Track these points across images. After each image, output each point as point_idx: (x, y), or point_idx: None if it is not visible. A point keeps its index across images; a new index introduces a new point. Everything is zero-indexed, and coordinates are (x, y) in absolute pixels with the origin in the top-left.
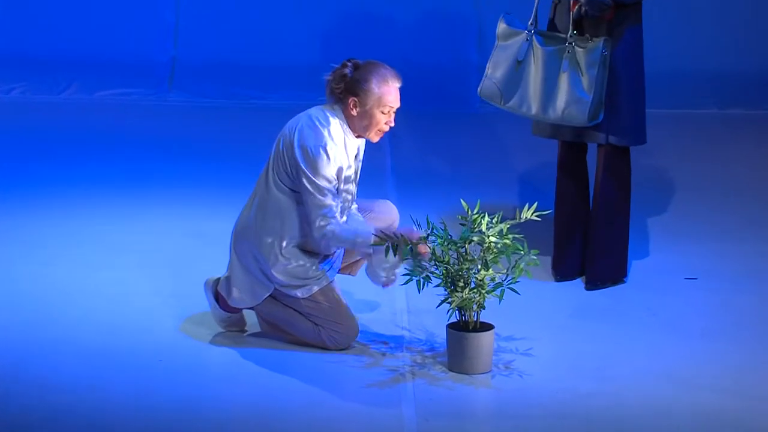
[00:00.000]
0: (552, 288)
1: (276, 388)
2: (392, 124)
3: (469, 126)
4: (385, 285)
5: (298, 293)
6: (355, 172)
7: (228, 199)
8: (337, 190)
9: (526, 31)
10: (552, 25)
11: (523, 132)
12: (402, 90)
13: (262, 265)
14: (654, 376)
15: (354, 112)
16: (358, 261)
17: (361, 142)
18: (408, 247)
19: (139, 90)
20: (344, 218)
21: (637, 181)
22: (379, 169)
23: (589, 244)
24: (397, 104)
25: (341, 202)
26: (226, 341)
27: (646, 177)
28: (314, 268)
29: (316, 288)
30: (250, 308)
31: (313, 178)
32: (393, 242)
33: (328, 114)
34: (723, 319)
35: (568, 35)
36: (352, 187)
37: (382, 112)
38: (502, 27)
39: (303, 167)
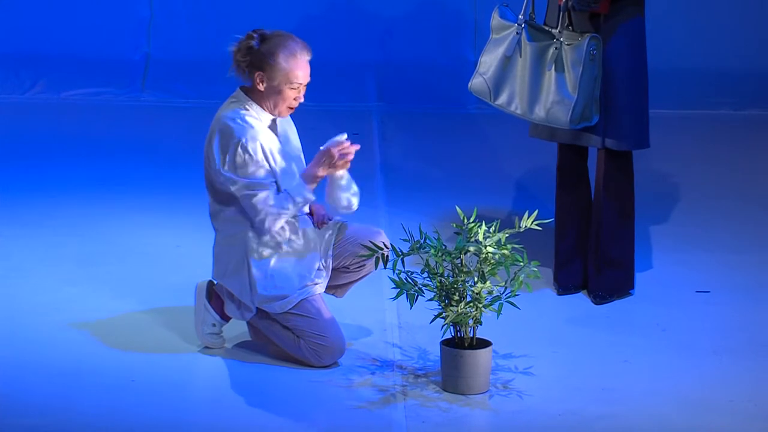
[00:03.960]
0: (554, 301)
1: (256, 410)
2: (302, 100)
3: (464, 127)
4: (346, 210)
5: (277, 306)
6: (293, 151)
7: (203, 207)
8: (274, 176)
9: (517, 25)
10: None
11: (520, 134)
12: (393, 88)
13: (240, 290)
14: (664, 397)
15: (261, 87)
16: (345, 284)
17: (285, 119)
18: (399, 258)
19: (110, 89)
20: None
21: (644, 187)
22: (367, 172)
23: (592, 254)
24: (306, 80)
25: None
26: (204, 359)
27: (653, 182)
28: (292, 280)
29: (296, 300)
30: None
31: (244, 180)
32: (382, 252)
33: (238, 109)
34: (738, 335)
35: (557, 31)
36: (295, 168)
37: (291, 88)
38: (496, 19)
39: (231, 177)
